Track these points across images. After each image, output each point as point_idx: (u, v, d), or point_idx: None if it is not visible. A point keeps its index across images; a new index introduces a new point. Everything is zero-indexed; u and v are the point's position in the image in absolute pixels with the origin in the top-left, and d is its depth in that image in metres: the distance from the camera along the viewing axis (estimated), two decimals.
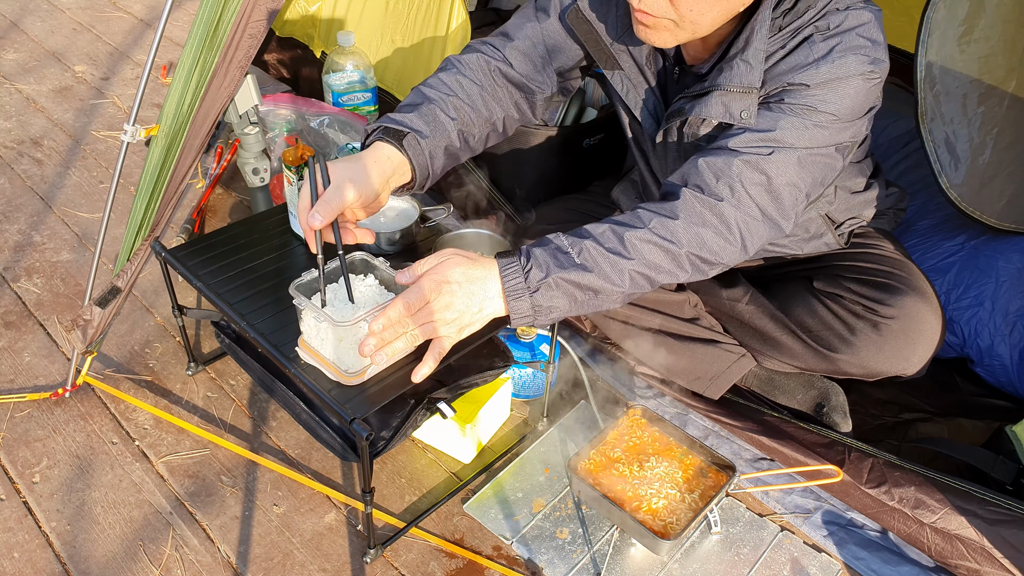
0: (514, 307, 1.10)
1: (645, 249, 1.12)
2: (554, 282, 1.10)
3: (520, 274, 1.10)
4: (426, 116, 1.23)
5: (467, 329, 1.13)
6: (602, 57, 1.32)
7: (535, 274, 1.10)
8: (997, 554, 1.26)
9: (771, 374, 1.58)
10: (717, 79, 1.18)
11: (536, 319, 1.12)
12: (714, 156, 1.17)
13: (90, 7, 3.28)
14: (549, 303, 1.11)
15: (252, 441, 1.53)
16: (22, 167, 2.27)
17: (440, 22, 1.89)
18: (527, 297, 1.10)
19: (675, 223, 1.13)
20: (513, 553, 1.36)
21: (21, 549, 1.32)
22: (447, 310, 1.09)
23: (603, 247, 1.12)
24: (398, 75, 2.04)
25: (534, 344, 1.56)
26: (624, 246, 1.12)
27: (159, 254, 1.44)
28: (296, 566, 1.32)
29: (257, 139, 1.83)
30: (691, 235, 1.13)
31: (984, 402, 1.63)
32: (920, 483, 1.34)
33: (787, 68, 1.15)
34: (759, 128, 1.15)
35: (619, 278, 1.12)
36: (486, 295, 1.10)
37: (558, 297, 1.11)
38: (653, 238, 1.12)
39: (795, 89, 1.14)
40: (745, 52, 1.15)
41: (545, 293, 1.10)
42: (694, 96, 1.22)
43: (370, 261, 1.27)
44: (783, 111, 1.15)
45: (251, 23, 1.27)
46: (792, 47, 1.15)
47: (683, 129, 1.29)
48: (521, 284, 1.10)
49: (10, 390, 1.59)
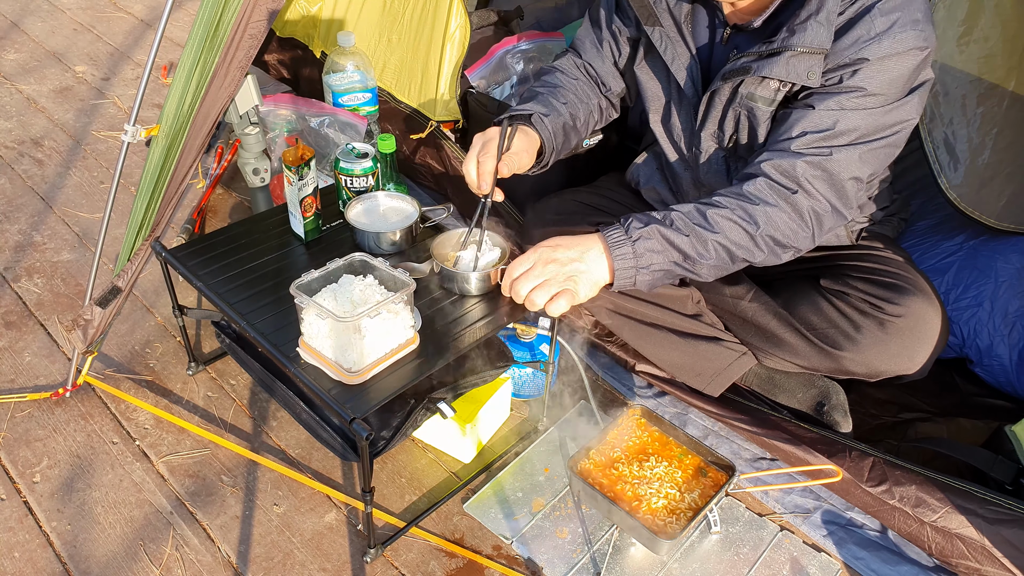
0: (617, 254, 1.21)
1: (726, 225, 1.23)
2: (650, 232, 1.22)
3: (619, 228, 1.24)
4: (543, 102, 1.46)
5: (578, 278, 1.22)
6: (644, 13, 1.38)
7: (635, 226, 1.23)
8: (997, 553, 1.26)
9: (771, 373, 1.58)
10: (790, 40, 1.21)
11: (637, 274, 1.23)
12: (779, 158, 1.24)
13: (91, 7, 3.28)
14: (647, 251, 1.22)
15: (252, 441, 1.53)
16: (23, 167, 2.28)
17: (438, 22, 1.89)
18: (629, 244, 1.21)
19: (753, 207, 1.23)
20: (513, 553, 1.36)
21: (22, 549, 1.32)
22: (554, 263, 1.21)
23: (689, 220, 1.24)
24: (396, 75, 2.04)
25: (534, 344, 1.56)
26: (708, 221, 1.23)
27: (159, 254, 1.44)
28: (296, 565, 1.32)
29: (257, 139, 1.84)
30: (768, 219, 1.23)
31: (983, 402, 1.63)
32: (921, 482, 1.35)
33: (850, 42, 1.19)
34: (819, 128, 1.22)
35: (704, 248, 1.23)
36: (589, 249, 1.23)
37: (655, 252, 1.22)
38: (734, 216, 1.23)
39: (855, 66, 1.19)
40: (819, 14, 1.18)
41: (645, 243, 1.22)
42: (761, 55, 1.25)
43: (369, 261, 1.27)
44: (841, 103, 1.20)
45: (251, 23, 1.27)
46: (853, 16, 1.19)
47: (739, 88, 1.31)
48: (622, 236, 1.22)
49: (11, 390, 1.59)
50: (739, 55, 1.28)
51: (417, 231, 1.51)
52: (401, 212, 1.50)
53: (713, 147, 1.42)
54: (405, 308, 1.22)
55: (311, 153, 1.41)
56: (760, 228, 1.23)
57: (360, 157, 1.51)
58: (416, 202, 1.51)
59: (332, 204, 1.59)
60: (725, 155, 1.42)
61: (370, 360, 1.20)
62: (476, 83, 1.98)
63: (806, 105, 1.24)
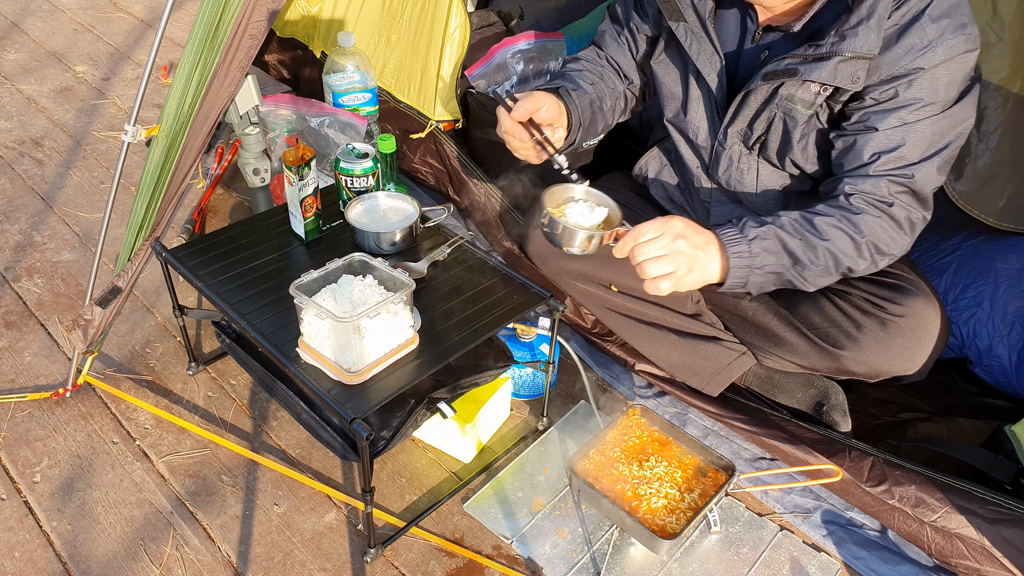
0: (732, 252, 1.22)
1: (834, 233, 1.25)
2: (767, 232, 1.23)
3: (734, 227, 1.24)
4: (568, 79, 1.50)
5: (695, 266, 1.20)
6: (668, 8, 1.37)
7: (750, 225, 1.24)
8: (997, 553, 1.26)
9: (771, 373, 1.58)
10: (840, 45, 1.20)
11: (751, 274, 1.23)
12: (861, 182, 1.26)
13: (91, 7, 3.28)
14: (763, 251, 1.23)
15: (253, 441, 1.53)
16: (23, 167, 2.28)
17: (438, 22, 1.89)
18: (746, 243, 1.22)
19: (857, 217, 1.26)
20: (513, 552, 1.36)
21: (22, 548, 1.32)
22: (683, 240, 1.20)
23: (798, 226, 1.26)
24: (396, 75, 2.04)
25: (534, 344, 1.56)
26: (815, 227, 1.25)
27: (160, 254, 1.44)
28: (296, 565, 1.32)
29: (258, 139, 1.84)
30: (870, 228, 1.25)
31: (983, 402, 1.63)
32: (920, 482, 1.35)
33: (903, 52, 1.19)
34: (890, 147, 1.23)
35: (814, 254, 1.25)
36: (710, 242, 1.23)
37: (770, 253, 1.23)
38: (840, 224, 1.25)
39: (910, 76, 1.20)
40: (870, 19, 1.18)
41: (761, 243, 1.23)
42: (807, 59, 1.24)
43: (369, 262, 1.27)
44: (903, 118, 1.22)
45: (252, 24, 1.28)
46: (902, 23, 1.19)
47: (779, 89, 1.31)
48: (738, 234, 1.23)
49: (11, 390, 1.59)
50: (782, 56, 1.27)
51: (417, 231, 1.51)
52: (401, 212, 1.50)
53: (738, 145, 1.42)
54: (405, 308, 1.22)
55: (311, 153, 1.41)
56: (865, 236, 1.25)
57: (360, 157, 1.51)
58: (416, 202, 1.51)
59: (332, 204, 1.59)
60: (748, 154, 1.42)
61: (370, 360, 1.20)
62: (476, 83, 1.98)
63: (867, 128, 1.25)
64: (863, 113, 1.25)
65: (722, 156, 1.44)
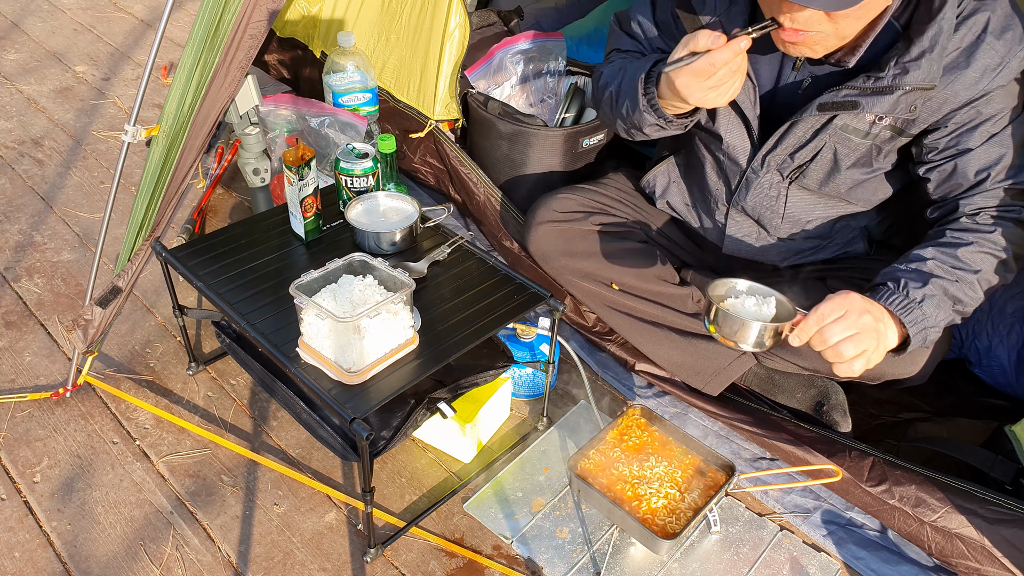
0: (910, 320, 1.17)
1: (979, 260, 1.22)
2: (933, 290, 1.18)
3: (897, 293, 1.18)
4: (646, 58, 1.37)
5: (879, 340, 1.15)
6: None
7: (913, 287, 1.18)
8: (997, 553, 1.26)
9: (771, 373, 1.58)
10: (902, 78, 1.17)
11: (927, 334, 1.19)
12: (981, 199, 1.24)
13: (91, 7, 3.28)
14: (935, 310, 1.18)
15: (253, 441, 1.53)
16: (23, 167, 2.28)
17: (437, 21, 1.89)
18: (918, 309, 1.17)
19: (992, 234, 1.22)
20: (513, 552, 1.36)
21: (22, 548, 1.32)
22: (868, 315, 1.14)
23: (947, 265, 1.21)
24: (395, 74, 2.04)
25: (534, 344, 1.56)
26: (964, 262, 1.21)
27: (160, 254, 1.44)
28: (296, 565, 1.32)
29: (258, 139, 1.84)
30: (1009, 239, 1.23)
31: (983, 402, 1.63)
32: (920, 482, 1.35)
33: (978, 74, 1.17)
34: (994, 160, 1.22)
35: (972, 290, 1.21)
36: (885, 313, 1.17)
37: (940, 308, 1.18)
38: (984, 250, 1.22)
39: (989, 94, 1.19)
40: (933, 51, 1.16)
41: (930, 302, 1.18)
42: (865, 91, 1.21)
43: (369, 262, 1.27)
44: (991, 131, 1.21)
45: (252, 24, 1.28)
46: (966, 44, 1.17)
47: (833, 119, 1.28)
48: (905, 300, 1.18)
49: (11, 390, 1.59)
50: (839, 87, 1.23)
51: (417, 231, 1.51)
52: (401, 212, 1.50)
53: (773, 174, 1.39)
54: (405, 308, 1.22)
55: (311, 153, 1.41)
56: (1008, 251, 1.22)
57: (360, 157, 1.51)
58: (416, 202, 1.51)
59: (332, 204, 1.59)
60: (781, 181, 1.40)
61: (370, 360, 1.20)
62: (476, 83, 1.98)
63: (960, 151, 1.23)
64: (950, 138, 1.24)
65: (753, 183, 1.41)
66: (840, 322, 1.12)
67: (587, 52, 2.33)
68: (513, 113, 1.86)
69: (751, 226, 1.50)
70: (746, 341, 1.16)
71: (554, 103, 2.06)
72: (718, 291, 1.23)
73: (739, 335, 1.16)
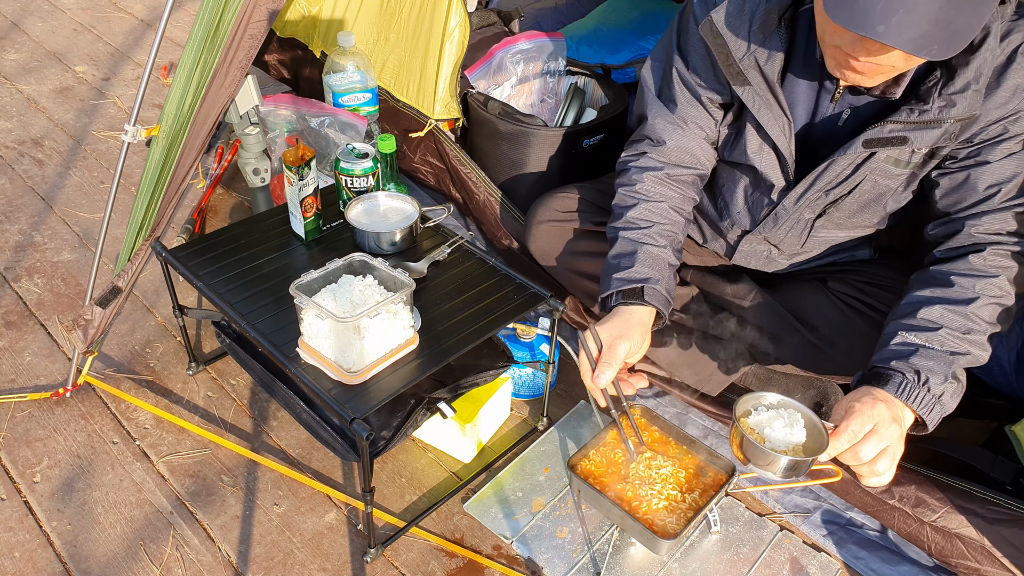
0: (931, 418, 1.13)
1: (986, 313, 1.19)
2: (951, 382, 1.15)
3: (918, 387, 1.14)
4: (645, 261, 1.32)
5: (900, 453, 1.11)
6: (732, 71, 1.28)
7: (935, 383, 1.14)
8: (997, 553, 1.26)
9: (771, 373, 1.58)
10: (948, 111, 1.14)
11: (944, 412, 1.15)
12: (988, 220, 1.22)
13: (91, 7, 3.28)
14: (952, 400, 1.15)
15: (253, 441, 1.53)
16: (23, 167, 2.28)
17: (437, 20, 1.89)
18: (937, 404, 1.14)
19: (998, 280, 1.20)
20: (513, 552, 1.36)
21: (22, 548, 1.32)
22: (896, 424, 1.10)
23: (956, 331, 1.18)
24: (395, 74, 2.04)
25: (534, 344, 1.56)
26: (972, 321, 1.18)
27: (160, 254, 1.44)
28: (296, 565, 1.32)
29: (258, 139, 1.84)
30: (1016, 282, 1.21)
31: (983, 402, 1.63)
32: (920, 482, 1.35)
33: (1008, 94, 1.15)
34: (1007, 177, 1.20)
35: (983, 348, 1.19)
36: (906, 416, 1.13)
37: (957, 392, 1.15)
38: (990, 302, 1.19)
39: (1019, 114, 1.17)
40: (978, 81, 1.13)
41: (948, 394, 1.15)
42: (909, 125, 1.18)
43: (369, 262, 1.27)
44: (1011, 149, 1.19)
45: (252, 24, 1.28)
46: (999, 65, 1.15)
47: (875, 154, 1.25)
48: (927, 394, 1.13)
49: (11, 390, 1.59)
50: (883, 122, 1.20)
51: (417, 231, 1.51)
52: (401, 212, 1.50)
53: (805, 206, 1.35)
54: (405, 308, 1.22)
55: (311, 153, 1.41)
56: (1012, 297, 1.21)
57: (360, 157, 1.51)
58: (416, 202, 1.51)
59: (332, 204, 1.59)
60: (812, 216, 1.37)
61: (370, 360, 1.20)
62: (476, 83, 1.98)
63: (978, 162, 1.21)
64: (972, 149, 1.21)
65: (783, 218, 1.38)
66: (872, 437, 1.08)
67: (587, 52, 2.33)
68: (513, 113, 1.86)
69: (765, 248, 1.49)
70: (773, 472, 1.11)
71: (554, 103, 2.06)
72: (744, 407, 1.19)
73: (768, 466, 1.11)
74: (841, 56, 1.09)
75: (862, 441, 1.08)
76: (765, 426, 1.15)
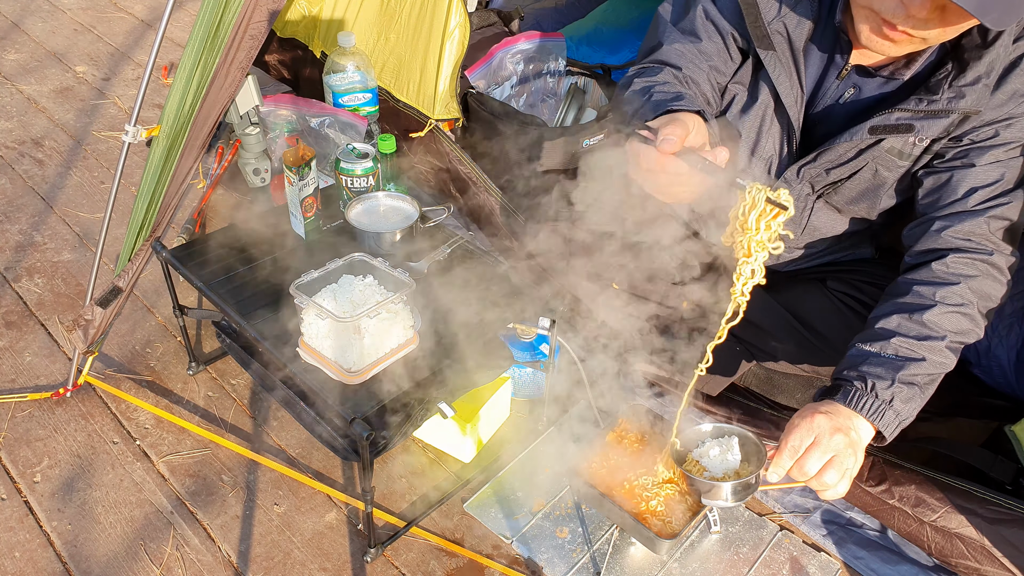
0: (883, 424, 1.13)
1: (946, 321, 1.18)
2: (900, 388, 1.14)
3: (867, 395, 1.14)
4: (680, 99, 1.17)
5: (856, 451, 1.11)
6: (758, 34, 1.24)
7: (881, 387, 1.13)
8: (997, 553, 1.26)
9: (770, 373, 1.58)
10: (957, 103, 1.15)
11: (900, 424, 1.15)
12: (959, 222, 1.21)
13: (91, 7, 3.28)
14: (907, 401, 1.14)
15: (253, 441, 1.53)
16: (23, 167, 2.28)
17: (437, 20, 1.89)
18: (889, 409, 1.13)
19: (958, 287, 1.19)
20: (513, 552, 1.36)
21: (22, 548, 1.32)
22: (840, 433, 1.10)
23: (911, 338, 1.17)
24: (395, 74, 2.04)
25: (534, 344, 1.56)
26: (929, 328, 1.17)
27: (160, 254, 1.44)
28: (297, 565, 1.32)
29: (258, 140, 1.84)
30: (977, 291, 1.20)
31: (983, 402, 1.63)
32: (920, 482, 1.35)
33: (1006, 97, 1.15)
34: (987, 183, 1.20)
35: (943, 357, 1.17)
36: (853, 417, 1.13)
37: (911, 397, 1.15)
38: (950, 311, 1.18)
39: (1012, 120, 1.17)
40: (989, 76, 1.13)
41: (899, 398, 1.14)
42: (917, 114, 1.18)
43: (369, 261, 1.28)
44: (998, 156, 1.19)
45: (252, 24, 1.28)
46: (1003, 68, 1.14)
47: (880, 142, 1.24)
48: (875, 401, 1.13)
49: (11, 390, 1.60)
50: (891, 110, 1.19)
51: (417, 231, 1.51)
52: (401, 212, 1.50)
53: (804, 186, 1.35)
54: (405, 308, 1.22)
55: (312, 153, 1.41)
56: (975, 304, 1.19)
57: (360, 157, 1.51)
58: (416, 202, 1.51)
59: (332, 204, 1.59)
60: (811, 195, 1.36)
61: (370, 360, 1.20)
62: (476, 83, 1.98)
63: (964, 164, 1.21)
64: (960, 150, 1.21)
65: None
66: (814, 449, 1.08)
67: (587, 52, 2.33)
68: (513, 113, 1.86)
69: None
70: (721, 499, 1.14)
71: (554, 103, 2.06)
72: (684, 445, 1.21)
73: (712, 495, 1.14)
74: (877, 22, 1.07)
75: (804, 455, 1.08)
76: (703, 456, 1.18)
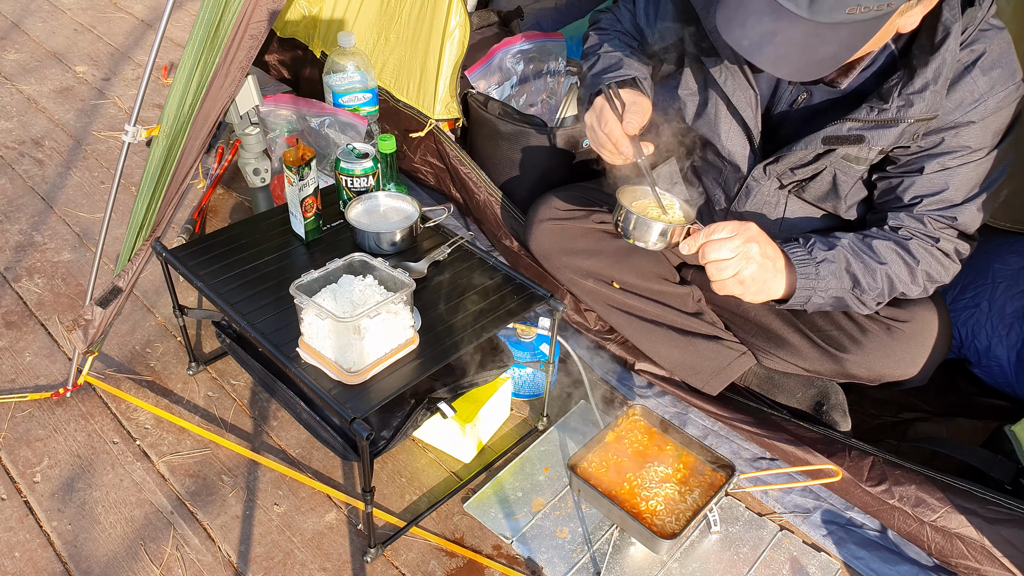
0: (801, 273, 1.21)
1: (891, 257, 1.25)
2: (835, 256, 1.22)
3: (801, 247, 1.23)
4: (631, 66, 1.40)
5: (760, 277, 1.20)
6: (702, 46, 1.33)
7: (819, 247, 1.23)
8: (997, 553, 1.26)
9: (771, 373, 1.58)
10: (907, 111, 1.16)
11: (814, 295, 1.23)
12: (907, 219, 1.26)
13: (91, 7, 3.28)
14: (829, 275, 1.22)
15: (253, 440, 1.53)
16: (23, 167, 2.28)
17: (437, 20, 1.89)
18: (813, 265, 1.21)
19: (910, 243, 1.25)
20: (513, 552, 1.36)
21: (22, 548, 1.32)
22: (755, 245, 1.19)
23: (857, 248, 1.24)
24: (395, 74, 2.04)
25: (534, 344, 1.56)
26: (874, 251, 1.24)
27: (160, 254, 1.44)
28: (297, 565, 1.32)
29: (258, 139, 1.84)
30: (923, 256, 1.25)
31: (983, 402, 1.63)
32: (920, 481, 1.35)
33: (953, 105, 1.16)
34: (933, 191, 1.23)
35: (873, 278, 1.24)
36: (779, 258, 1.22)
37: (834, 276, 1.22)
38: (897, 249, 1.25)
39: (959, 128, 1.18)
40: (937, 82, 1.13)
41: (828, 266, 1.22)
42: (867, 124, 1.20)
43: (369, 262, 1.28)
44: (945, 164, 1.21)
45: (252, 24, 1.28)
46: (953, 75, 1.15)
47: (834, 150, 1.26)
48: (805, 254, 1.22)
49: (11, 390, 1.60)
50: (843, 120, 1.21)
51: (417, 231, 1.51)
52: (401, 212, 1.50)
53: (772, 183, 1.38)
54: (405, 308, 1.22)
55: (312, 153, 1.41)
56: (919, 264, 1.25)
57: (360, 157, 1.51)
58: (416, 202, 1.51)
59: (332, 204, 1.59)
60: (780, 190, 1.39)
61: (370, 360, 1.20)
62: (476, 83, 1.98)
63: (911, 171, 1.23)
64: (909, 158, 1.23)
65: (754, 191, 1.40)
66: (726, 242, 1.17)
67: None
68: (513, 113, 1.86)
69: None
70: (643, 239, 1.28)
71: (554, 103, 2.06)
72: (628, 194, 1.34)
73: (636, 233, 1.28)
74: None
75: (717, 242, 1.17)
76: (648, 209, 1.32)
